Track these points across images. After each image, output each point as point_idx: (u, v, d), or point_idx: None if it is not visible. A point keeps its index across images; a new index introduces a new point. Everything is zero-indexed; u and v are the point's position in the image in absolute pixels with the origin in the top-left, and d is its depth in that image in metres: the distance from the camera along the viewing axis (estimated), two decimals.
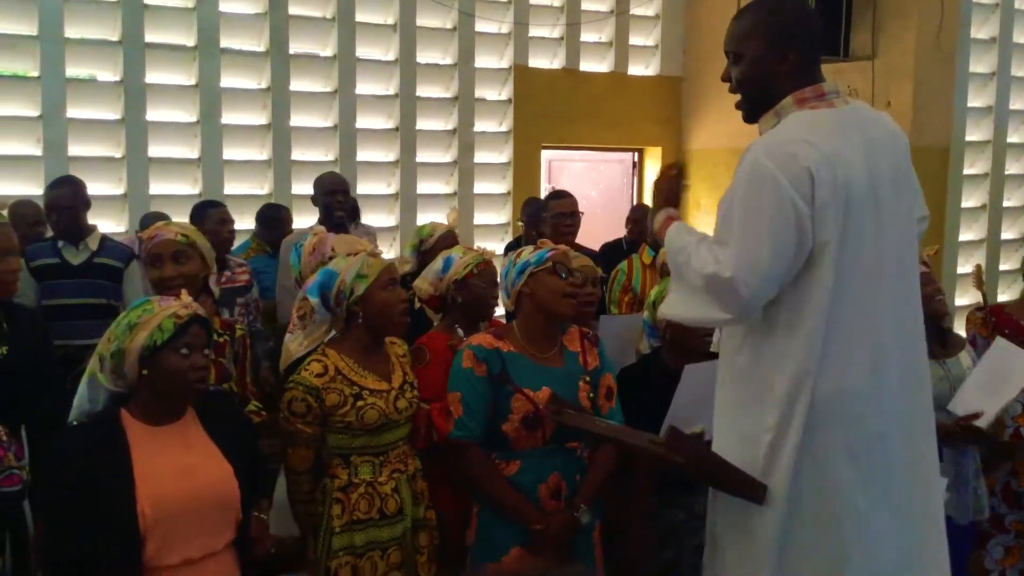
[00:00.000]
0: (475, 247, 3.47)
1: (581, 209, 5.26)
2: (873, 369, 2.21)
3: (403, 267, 4.03)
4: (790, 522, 2.21)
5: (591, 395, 2.93)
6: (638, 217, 6.09)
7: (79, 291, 4.22)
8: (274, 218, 5.61)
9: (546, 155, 8.21)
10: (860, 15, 7.09)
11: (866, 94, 6.97)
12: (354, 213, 5.86)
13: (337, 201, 4.97)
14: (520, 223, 6.16)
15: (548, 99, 7.86)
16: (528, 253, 2.96)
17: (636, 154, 8.78)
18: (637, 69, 8.48)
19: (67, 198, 4.42)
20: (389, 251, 7.25)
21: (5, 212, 2.94)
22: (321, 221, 4.94)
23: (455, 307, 3.32)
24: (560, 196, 5.28)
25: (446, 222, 4.76)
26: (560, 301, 2.91)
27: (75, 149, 6.25)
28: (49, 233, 4.60)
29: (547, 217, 5.14)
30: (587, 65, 8.20)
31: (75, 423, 2.28)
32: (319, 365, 2.77)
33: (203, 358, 2.31)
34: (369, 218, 7.22)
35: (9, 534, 2.59)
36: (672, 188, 2.66)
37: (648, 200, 8.12)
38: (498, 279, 3.22)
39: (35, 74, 6.16)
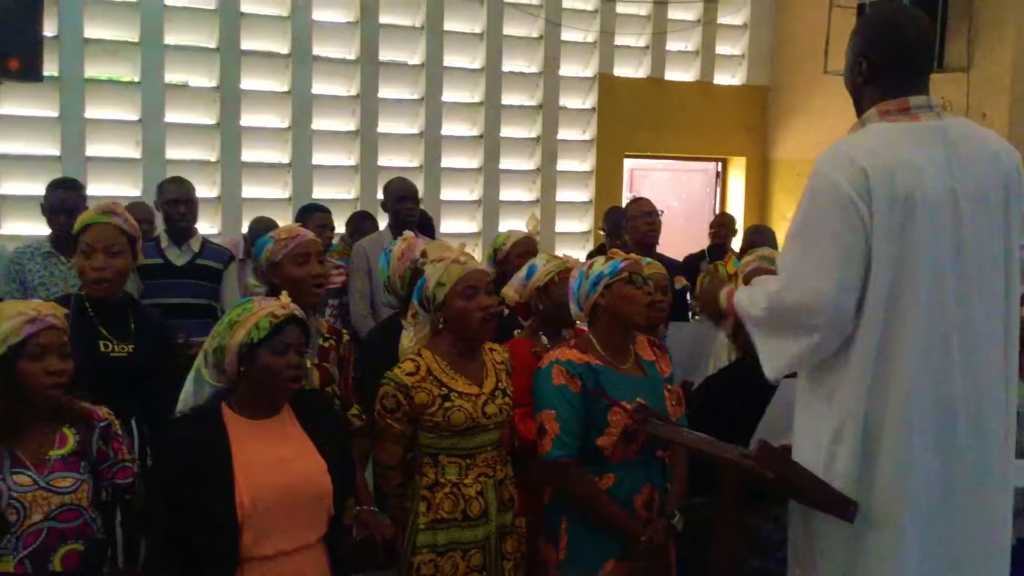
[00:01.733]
0: (559, 255, 3.49)
1: (662, 219, 5.23)
2: (933, 384, 2.18)
3: None
4: (855, 542, 2.20)
5: (674, 402, 2.93)
6: (724, 223, 6.04)
7: (181, 291, 4.34)
8: (362, 225, 5.70)
9: (628, 164, 8.20)
10: (955, 26, 6.92)
11: (960, 106, 6.81)
12: (423, 222, 5.89)
13: (407, 208, 5.00)
14: (602, 232, 6.15)
15: (632, 108, 7.86)
16: (601, 264, 2.93)
17: (720, 164, 8.71)
18: (723, 78, 8.42)
19: (189, 192, 4.61)
20: None
21: (116, 215, 3.06)
22: (390, 227, 4.98)
23: (538, 314, 3.34)
24: (639, 199, 5.27)
25: (526, 229, 4.78)
26: (638, 311, 2.89)
27: (172, 153, 6.46)
28: (157, 231, 4.76)
29: (627, 221, 5.13)
30: (672, 74, 8.17)
31: (179, 415, 2.37)
32: (412, 364, 2.82)
33: (298, 357, 2.37)
34: (451, 224, 7.32)
35: (121, 525, 2.69)
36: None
37: (732, 210, 8.05)
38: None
39: (135, 79, 6.40)
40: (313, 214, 5.09)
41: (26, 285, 4.12)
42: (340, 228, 5.85)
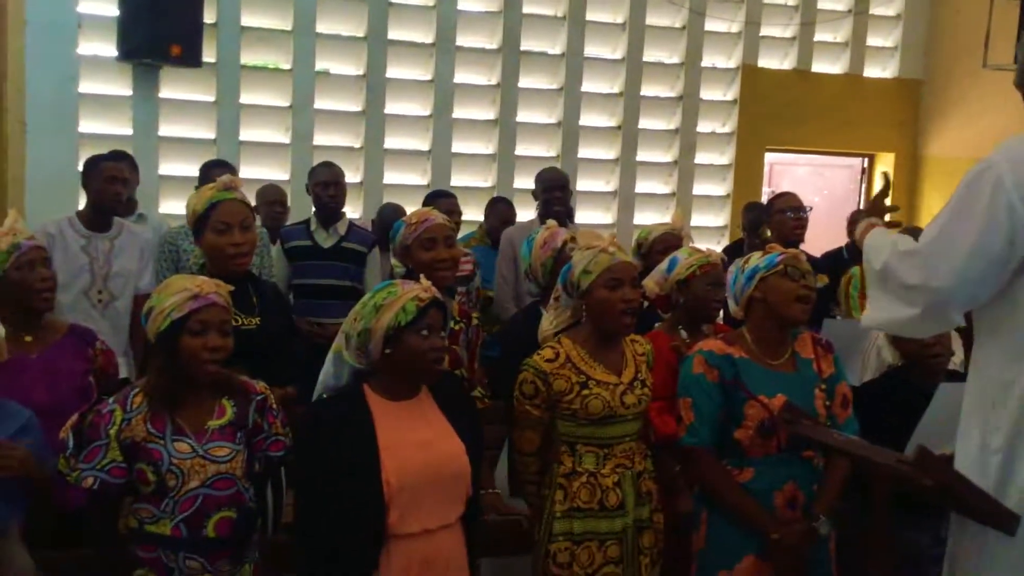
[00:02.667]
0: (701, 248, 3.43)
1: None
2: None
3: None
4: None
5: (827, 403, 2.84)
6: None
7: (327, 273, 4.48)
8: (504, 213, 5.73)
9: (769, 158, 8.00)
10: None
11: None
12: (570, 213, 5.89)
13: (556, 197, 5.01)
14: (741, 229, 6.03)
15: (776, 100, 7.66)
16: (757, 258, 2.89)
17: (866, 160, 8.40)
18: (873, 71, 8.12)
19: (339, 176, 4.77)
20: None
21: (237, 191, 3.12)
22: (540, 216, 5.00)
23: (679, 308, 3.30)
24: (785, 194, 5.12)
25: (671, 222, 4.72)
26: (792, 305, 2.82)
27: (319, 139, 6.66)
28: (304, 213, 4.92)
29: (772, 217, 5.00)
30: (820, 66, 7.93)
31: (324, 397, 2.44)
32: (551, 351, 2.83)
33: (440, 340, 2.40)
34: (585, 215, 7.29)
35: (271, 496, 2.81)
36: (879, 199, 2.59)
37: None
38: (725, 283, 3.16)
39: (287, 67, 6.61)
40: (439, 200, 5.17)
41: (179, 264, 4.31)
42: (479, 216, 5.92)
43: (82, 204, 4.48)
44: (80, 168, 4.39)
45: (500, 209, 5.63)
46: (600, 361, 2.84)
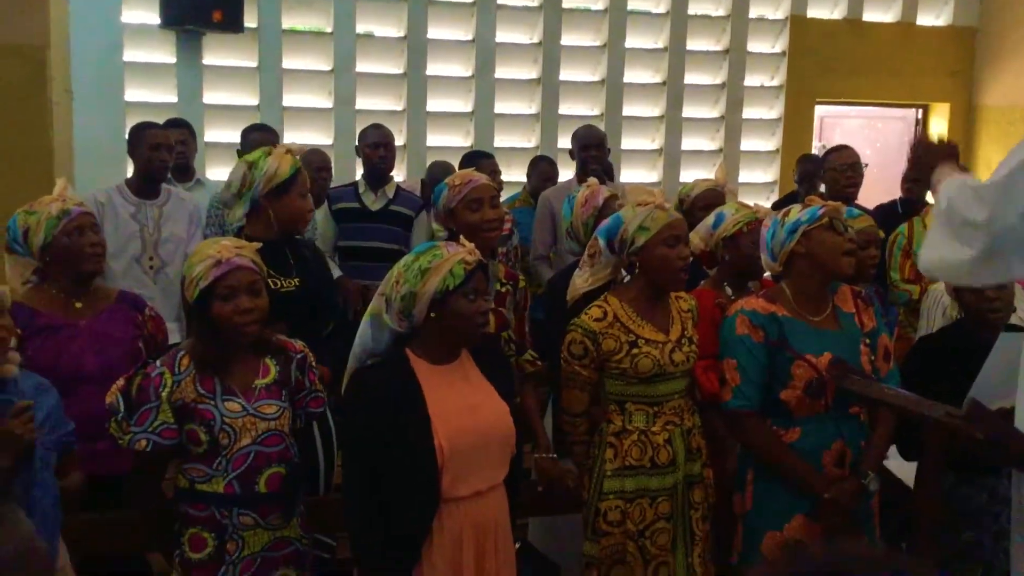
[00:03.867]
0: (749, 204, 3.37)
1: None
2: None
3: None
4: None
5: (871, 357, 2.79)
6: (919, 176, 5.63)
7: (374, 235, 4.50)
8: (546, 171, 5.69)
9: (819, 111, 7.82)
10: None
11: None
12: (608, 171, 5.81)
13: (592, 156, 4.94)
14: (795, 182, 5.90)
15: (826, 51, 7.48)
16: (797, 211, 2.80)
17: (920, 111, 8.18)
18: (926, 19, 7.88)
19: (388, 137, 4.77)
20: None
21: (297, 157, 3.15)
22: (577, 175, 4.95)
23: (724, 264, 3.25)
24: (841, 148, 5.02)
25: (715, 179, 4.64)
26: (840, 259, 2.76)
27: (362, 102, 6.65)
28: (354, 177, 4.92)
29: (825, 171, 4.89)
30: (871, 15, 7.71)
31: (368, 363, 2.43)
32: (599, 310, 2.81)
33: (485, 303, 2.39)
34: (631, 173, 7.22)
35: (323, 455, 2.85)
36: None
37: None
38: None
39: (328, 30, 6.59)
40: (479, 161, 5.14)
41: (225, 229, 4.34)
42: (522, 177, 5.88)
43: (129, 172, 4.52)
44: (126, 136, 4.44)
45: (542, 168, 5.59)
46: (648, 319, 2.81)
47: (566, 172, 6.11)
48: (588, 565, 2.83)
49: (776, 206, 4.27)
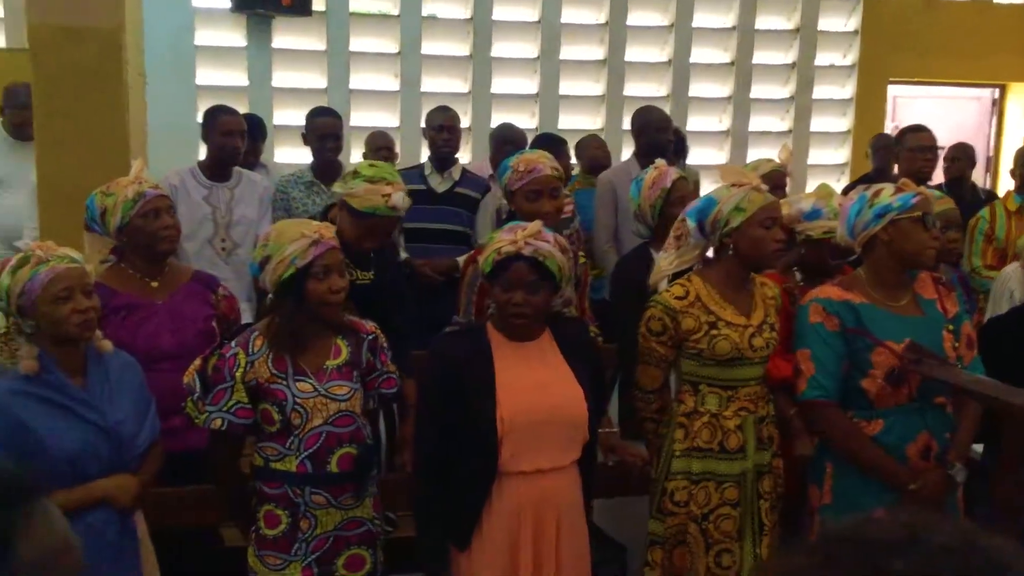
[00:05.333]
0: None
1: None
2: None
3: None
4: None
5: (955, 344, 2.71)
6: (959, 152, 5.41)
7: (440, 217, 4.51)
8: (592, 149, 5.65)
9: (892, 91, 7.63)
10: None
11: None
12: (679, 147, 5.72)
13: (654, 139, 4.85)
14: (870, 160, 5.76)
15: (900, 29, 7.28)
16: (889, 195, 2.69)
17: (997, 91, 7.93)
18: None
19: (454, 120, 4.76)
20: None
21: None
22: (638, 156, 4.88)
23: (799, 253, 3.20)
24: (919, 129, 4.89)
25: (778, 159, 4.55)
26: (923, 254, 2.67)
27: (427, 85, 6.66)
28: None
29: (901, 151, 4.77)
30: None
31: (448, 330, 2.49)
32: (681, 289, 2.78)
33: (521, 294, 2.39)
34: (697, 154, 7.11)
35: (384, 435, 2.89)
36: None
37: (1010, 141, 7.36)
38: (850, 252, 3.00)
39: (395, 12, 6.61)
40: (552, 148, 5.10)
41: (290, 212, 4.40)
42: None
43: (200, 154, 4.60)
44: (198, 119, 4.51)
45: (591, 145, 5.56)
46: (730, 302, 2.78)
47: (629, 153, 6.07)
48: (652, 544, 2.83)
49: (848, 190, 4.16)
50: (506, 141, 4.89)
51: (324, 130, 4.60)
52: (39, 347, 2.44)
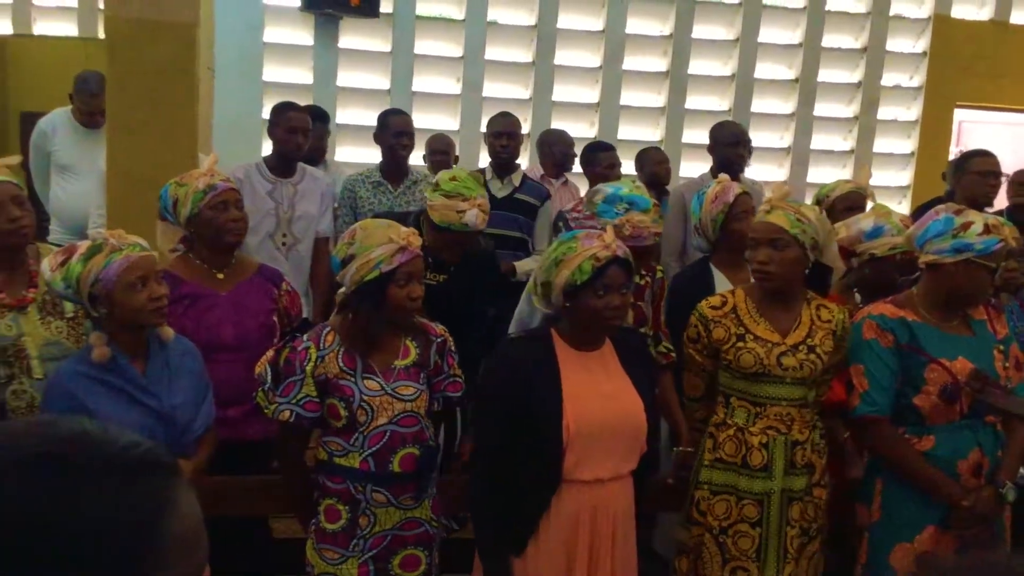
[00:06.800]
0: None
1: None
2: None
3: None
4: None
5: (1005, 365, 2.68)
6: None
7: (498, 222, 4.49)
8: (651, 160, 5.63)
9: (958, 115, 7.50)
10: None
11: None
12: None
13: (737, 155, 4.84)
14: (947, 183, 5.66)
15: (969, 53, 7.16)
16: (976, 234, 2.59)
17: None
18: None
19: (514, 126, 4.79)
20: None
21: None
22: (713, 170, 4.86)
23: (860, 273, 3.16)
24: (983, 154, 4.80)
25: (855, 180, 4.49)
26: (979, 297, 2.69)
27: (489, 89, 6.69)
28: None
29: (964, 175, 4.69)
30: (1020, 16, 7.35)
31: (513, 336, 2.49)
32: (719, 298, 2.79)
33: (620, 297, 2.39)
34: (757, 170, 7.05)
35: (444, 434, 2.90)
36: None
37: None
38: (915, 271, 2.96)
39: (460, 17, 6.66)
40: (599, 154, 5.13)
41: (356, 211, 4.44)
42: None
43: (265, 150, 4.66)
44: (264, 115, 4.58)
45: (653, 158, 5.55)
46: (767, 317, 2.75)
47: (691, 166, 6.05)
48: (679, 552, 2.84)
49: (917, 212, 4.07)
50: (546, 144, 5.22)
51: (399, 128, 4.65)
52: (106, 333, 2.50)
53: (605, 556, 2.41)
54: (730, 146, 4.81)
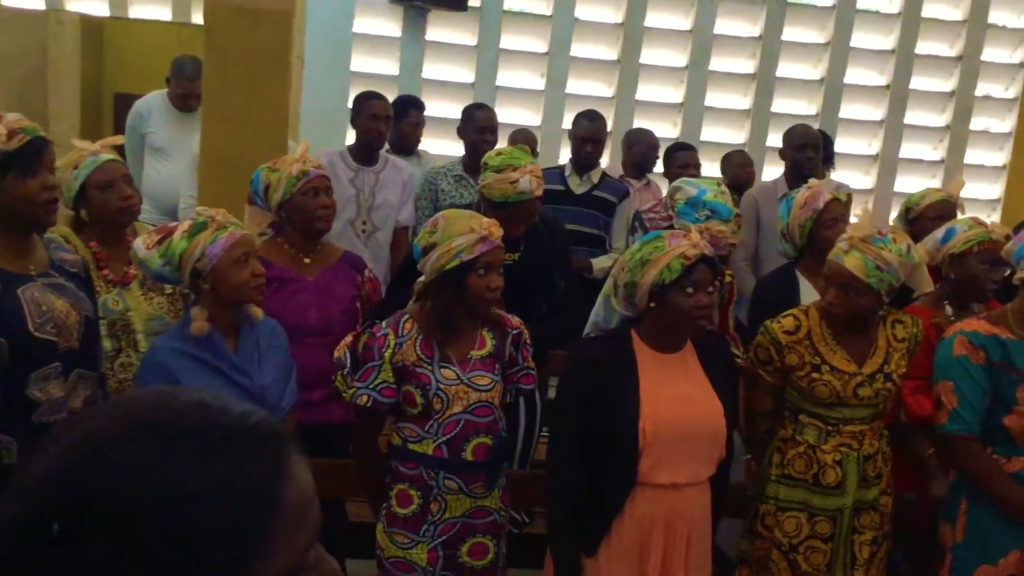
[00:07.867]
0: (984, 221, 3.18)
1: None
2: None
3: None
4: None
5: None
6: None
7: (576, 218, 4.51)
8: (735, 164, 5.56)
9: None
10: None
11: None
12: (827, 156, 5.56)
13: (807, 158, 4.73)
14: None
15: None
16: None
17: None
18: None
19: (599, 132, 4.78)
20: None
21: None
22: (787, 175, 4.77)
23: (947, 282, 3.08)
24: None
25: (947, 191, 4.38)
26: None
27: (573, 86, 6.67)
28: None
29: None
30: None
31: (592, 335, 2.49)
32: (793, 321, 2.73)
33: (707, 296, 2.37)
34: (844, 177, 6.91)
35: (523, 432, 2.91)
36: None
37: None
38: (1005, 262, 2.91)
39: (548, 13, 6.66)
40: (678, 154, 5.10)
41: (437, 205, 4.48)
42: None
43: (349, 139, 4.73)
44: (350, 104, 4.65)
45: (737, 161, 5.48)
46: (843, 344, 2.70)
47: (772, 170, 5.96)
48: (741, 562, 2.82)
49: (1017, 228, 3.95)
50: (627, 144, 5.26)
51: (483, 123, 4.68)
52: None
53: (679, 562, 2.39)
54: (798, 149, 4.69)
